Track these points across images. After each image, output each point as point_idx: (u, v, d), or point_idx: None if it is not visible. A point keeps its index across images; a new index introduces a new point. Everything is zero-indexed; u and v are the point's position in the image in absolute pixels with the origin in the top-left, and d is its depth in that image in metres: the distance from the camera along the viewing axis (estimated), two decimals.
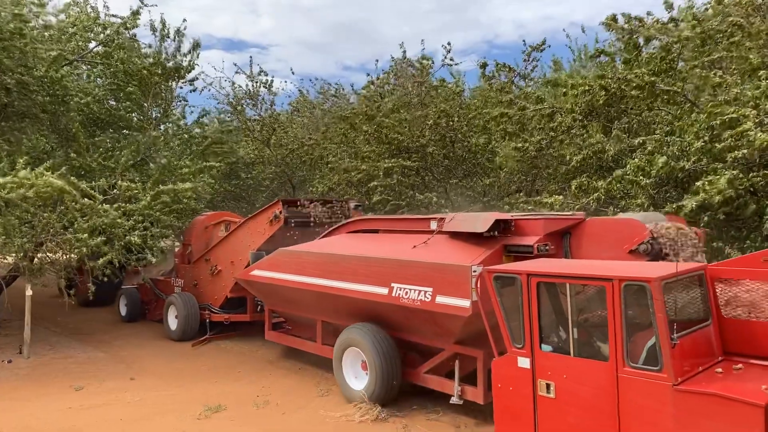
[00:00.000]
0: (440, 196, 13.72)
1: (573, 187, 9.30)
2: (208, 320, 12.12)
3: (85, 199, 10.36)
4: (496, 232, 6.91)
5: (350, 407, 7.73)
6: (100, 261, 10.73)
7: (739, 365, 4.61)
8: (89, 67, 14.75)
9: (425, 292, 6.99)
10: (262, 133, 18.39)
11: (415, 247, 7.58)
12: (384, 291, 7.53)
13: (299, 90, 21.42)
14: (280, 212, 10.57)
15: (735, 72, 8.49)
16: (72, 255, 10.64)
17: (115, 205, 10.96)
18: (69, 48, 12.81)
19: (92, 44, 13.92)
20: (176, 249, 14.02)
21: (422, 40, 30.96)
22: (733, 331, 4.86)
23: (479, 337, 6.26)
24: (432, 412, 7.55)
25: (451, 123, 14.02)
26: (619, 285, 4.50)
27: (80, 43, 13.53)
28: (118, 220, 10.80)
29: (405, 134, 14.07)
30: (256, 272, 9.76)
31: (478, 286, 5.99)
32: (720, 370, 4.56)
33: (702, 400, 4.08)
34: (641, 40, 9.52)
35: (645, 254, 6.16)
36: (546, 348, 5.04)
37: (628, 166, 8.49)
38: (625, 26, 9.49)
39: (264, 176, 18.77)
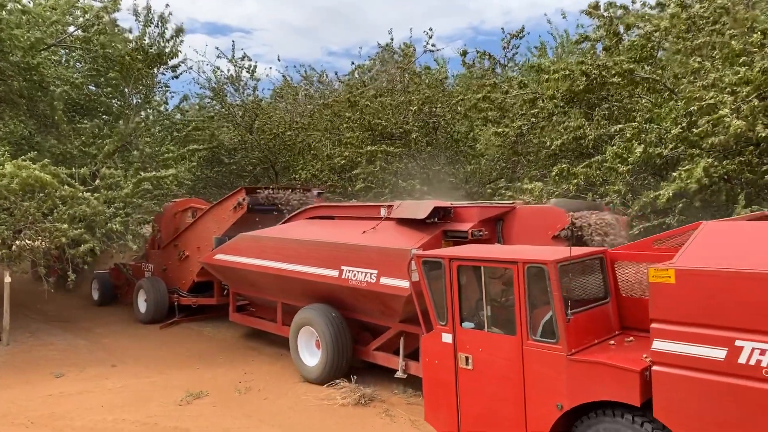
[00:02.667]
0: (423, 183, 13.75)
1: (553, 174, 9.37)
2: (176, 303, 12.56)
3: (66, 187, 10.26)
4: (436, 219, 7.44)
5: (332, 391, 7.82)
6: (81, 248, 10.65)
7: (631, 338, 5.08)
8: (68, 51, 14.51)
9: (371, 274, 7.54)
10: (244, 119, 18.26)
11: (364, 232, 8.04)
12: (335, 273, 8.04)
13: (283, 75, 21.23)
14: (243, 199, 11.06)
15: (717, 58, 8.54)
16: (51, 244, 10.52)
17: (96, 195, 10.85)
18: (48, 32, 12.58)
19: (71, 28, 13.68)
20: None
21: (410, 29, 30.86)
22: (630, 308, 5.29)
23: None
24: (413, 396, 7.65)
25: (434, 109, 14.02)
26: (523, 267, 4.96)
27: (59, 27, 13.29)
28: (100, 208, 10.72)
29: (388, 120, 14.05)
30: (219, 256, 10.23)
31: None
32: (613, 342, 5.04)
33: (590, 367, 4.58)
34: (621, 28, 9.56)
35: (566, 239, 6.65)
36: (466, 325, 5.48)
37: (607, 152, 8.56)
38: (605, 14, 9.53)
39: (246, 162, 18.65)
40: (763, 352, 3.73)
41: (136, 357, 10.09)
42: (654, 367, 4.22)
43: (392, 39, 15.99)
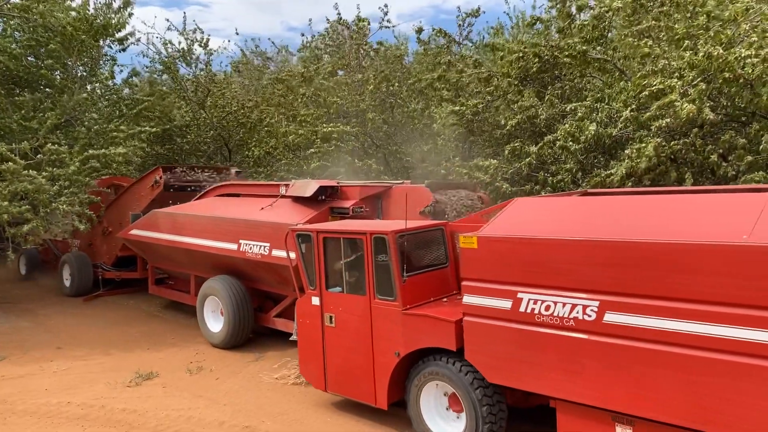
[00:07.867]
0: (379, 163, 13.67)
1: (506, 152, 9.45)
2: (101, 277, 12.95)
3: (9, 164, 9.80)
4: (323, 197, 8.14)
5: (285, 370, 7.77)
6: (25, 228, 10.20)
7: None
8: (5, 20, 13.74)
9: (264, 246, 8.18)
10: (196, 94, 17.73)
11: (262, 209, 8.60)
12: (234, 247, 8.68)
13: (241, 50, 20.76)
14: (160, 178, 11.63)
15: (663, 41, 8.68)
16: None
17: (44, 174, 10.36)
18: None
19: None
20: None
21: (358, 6, 30.28)
22: None
23: None
24: None
25: (391, 87, 13.91)
26: (370, 237, 5.80)
27: None
28: (44, 186, 10.27)
29: (344, 98, 13.87)
30: (135, 231, 10.81)
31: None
32: (446, 300, 5.93)
33: (419, 320, 5.49)
34: (573, 9, 9.62)
35: (429, 215, 7.44)
36: (332, 289, 6.28)
37: (559, 131, 8.66)
38: None
39: (200, 140, 18.16)
40: (536, 302, 4.61)
41: (82, 338, 9.80)
42: (465, 318, 5.08)
43: (339, 15, 15.74)
